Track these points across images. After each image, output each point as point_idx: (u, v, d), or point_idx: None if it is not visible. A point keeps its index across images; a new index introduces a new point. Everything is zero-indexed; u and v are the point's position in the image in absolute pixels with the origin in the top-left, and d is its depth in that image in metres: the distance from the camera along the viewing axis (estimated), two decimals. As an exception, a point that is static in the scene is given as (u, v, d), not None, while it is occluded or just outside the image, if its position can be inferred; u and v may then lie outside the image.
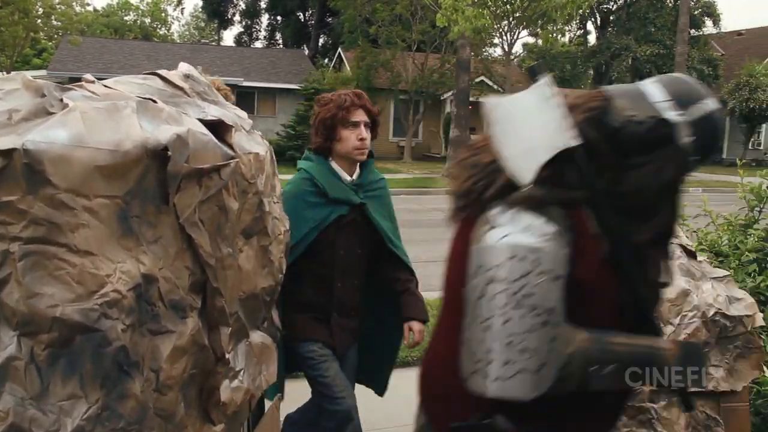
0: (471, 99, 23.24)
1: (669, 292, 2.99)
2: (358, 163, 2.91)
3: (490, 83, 26.91)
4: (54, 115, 1.33)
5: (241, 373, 1.72)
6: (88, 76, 1.70)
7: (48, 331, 1.23)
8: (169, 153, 1.43)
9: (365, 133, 2.82)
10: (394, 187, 18.66)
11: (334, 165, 2.86)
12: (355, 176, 2.91)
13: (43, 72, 24.03)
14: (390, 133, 28.95)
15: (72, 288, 1.24)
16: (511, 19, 7.62)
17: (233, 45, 46.94)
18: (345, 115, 2.77)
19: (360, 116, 2.82)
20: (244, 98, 27.33)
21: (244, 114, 2.40)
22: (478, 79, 26.44)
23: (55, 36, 31.84)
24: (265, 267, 1.87)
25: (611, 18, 29.95)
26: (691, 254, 3.06)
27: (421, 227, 12.64)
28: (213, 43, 52.16)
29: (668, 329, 2.95)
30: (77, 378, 1.25)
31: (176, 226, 1.48)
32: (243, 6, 49.24)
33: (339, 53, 32.92)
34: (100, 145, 1.32)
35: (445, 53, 26.53)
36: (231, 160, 1.63)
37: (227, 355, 1.61)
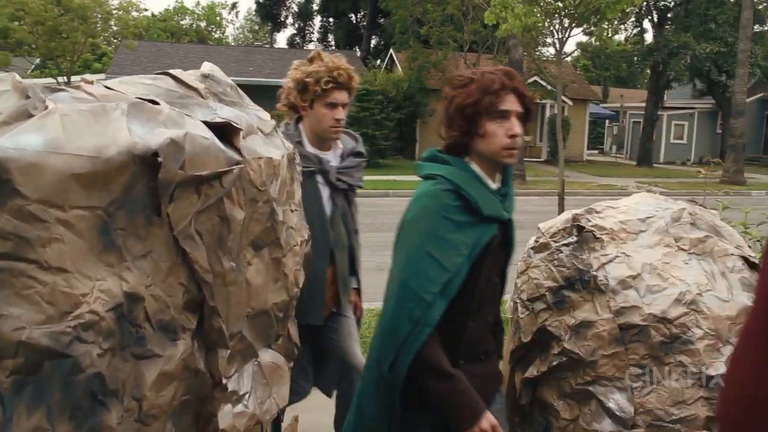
0: (524, 99, 22.67)
1: (729, 309, 2.75)
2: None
3: (543, 83, 26.39)
4: (31, 119, 1.22)
5: (246, 396, 1.58)
6: (87, 77, 1.60)
7: (13, 357, 1.11)
8: (160, 159, 1.30)
9: (517, 127, 2.11)
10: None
11: (476, 169, 2.15)
12: (498, 183, 2.22)
13: (102, 76, 24.61)
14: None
15: (41, 308, 1.12)
16: (562, 15, 7.34)
17: (285, 47, 47.37)
18: (493, 102, 2.07)
19: (511, 104, 2.12)
20: (295, 100, 27.41)
21: (266, 116, 2.27)
22: (530, 80, 25.96)
23: (113, 40, 32.62)
24: (278, 281, 1.73)
25: (669, 15, 28.96)
26: (753, 266, 2.81)
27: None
28: (266, 45, 52.72)
29: (727, 349, 2.71)
30: (44, 408, 1.13)
31: (170, 238, 1.35)
32: (296, 8, 49.62)
33: (390, 54, 32.78)
34: (79, 151, 1.19)
35: (497, 53, 26.13)
36: (235, 166, 1.49)
37: (225, 380, 1.47)
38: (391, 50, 32.17)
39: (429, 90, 26.32)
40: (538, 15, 7.55)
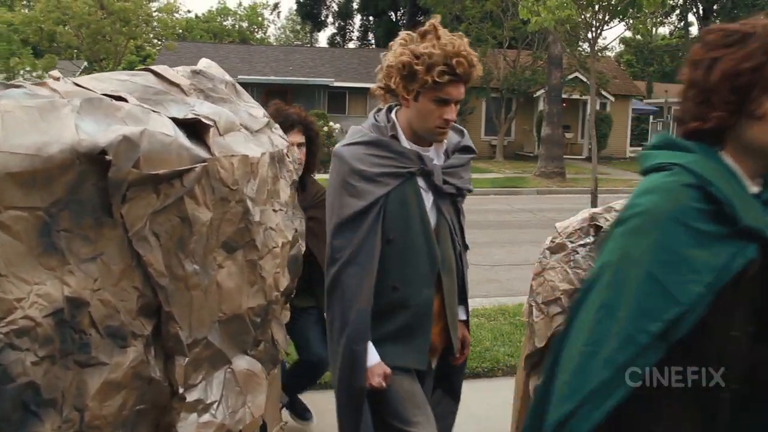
0: (565, 96, 22.42)
1: None
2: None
3: (584, 79, 25.93)
4: (-32, 116, 1.17)
5: (215, 405, 1.51)
6: (54, 73, 1.55)
7: (-62, 366, 1.06)
8: (109, 157, 1.24)
9: None
10: (483, 186, 18.25)
11: (730, 164, 1.45)
12: (759, 186, 1.50)
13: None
14: (482, 132, 28.39)
15: (-30, 315, 1.07)
16: (596, 8, 7.12)
17: (325, 46, 47.57)
18: None
19: None
20: (335, 98, 27.51)
21: (259, 112, 2.21)
22: (571, 76, 25.52)
23: (157, 42, 33.19)
24: (254, 284, 1.66)
25: (715, 7, 28.17)
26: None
27: (506, 228, 12.22)
28: (306, 45, 53.04)
29: None
30: (-30, 421, 1.08)
31: (124, 240, 1.29)
32: (336, 7, 49.78)
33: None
34: (17, 149, 1.14)
35: (536, 50, 25.76)
36: (197, 164, 1.42)
37: (183, 389, 1.40)
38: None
39: (468, 88, 25.95)
40: (572, 9, 7.35)
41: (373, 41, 47.68)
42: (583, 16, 7.75)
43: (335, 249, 1.98)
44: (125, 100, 1.50)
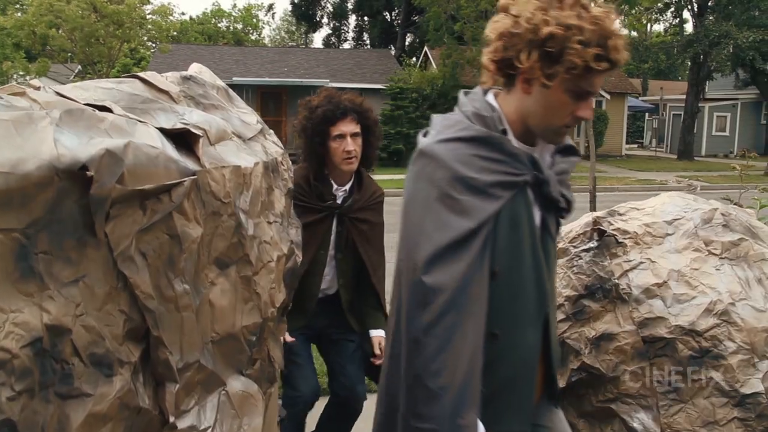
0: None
1: (766, 320, 2.52)
2: None
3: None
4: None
5: (209, 431, 1.43)
6: (35, 81, 1.47)
7: None
8: (91, 173, 1.16)
9: None
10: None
11: None
12: None
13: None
14: (477, 131, 28.28)
15: (-61, 349, 0.99)
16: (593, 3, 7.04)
17: (320, 47, 47.50)
18: None
19: None
20: (330, 100, 27.42)
21: (252, 118, 2.13)
22: (566, 73, 25.44)
23: (151, 45, 33.08)
24: (249, 301, 1.58)
25: (709, 4, 28.12)
26: (793, 273, 2.58)
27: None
28: (302, 46, 52.95)
29: (764, 365, 2.49)
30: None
31: (109, 261, 1.21)
32: (330, 8, 49.72)
33: (425, 52, 32.55)
34: (-10, 166, 1.06)
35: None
36: (187, 178, 1.34)
37: (174, 418, 1.32)
38: (426, 48, 31.96)
39: (464, 87, 25.90)
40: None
41: (368, 42, 47.66)
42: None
43: (431, 289, 1.43)
44: (110, 110, 1.42)
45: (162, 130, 1.45)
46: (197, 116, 1.67)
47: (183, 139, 1.50)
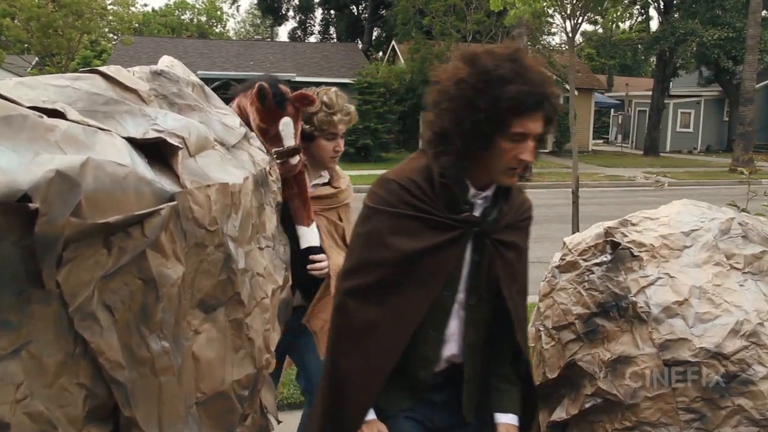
0: (529, 90, 22.36)
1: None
2: None
3: (549, 73, 25.93)
4: None
5: None
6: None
7: None
8: (36, 204, 0.86)
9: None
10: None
11: None
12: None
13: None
14: (445, 127, 28.22)
15: None
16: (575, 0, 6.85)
17: (287, 40, 46.92)
18: None
19: None
20: (296, 94, 27.07)
21: (234, 121, 1.83)
22: (536, 70, 25.47)
23: (112, 37, 32.23)
24: (240, 350, 1.28)
25: (675, 2, 28.33)
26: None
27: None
28: (267, 39, 52.27)
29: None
30: None
31: (63, 320, 0.91)
32: (296, 1, 49.10)
33: (393, 46, 32.26)
34: None
35: (501, 43, 25.66)
36: (165, 205, 1.04)
37: None
38: (393, 42, 31.71)
39: (432, 82, 25.85)
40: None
41: (334, 35, 47.24)
42: (560, 8, 7.48)
43: None
44: (62, 115, 1.11)
45: (131, 141, 1.15)
46: (173, 121, 1.37)
47: (156, 151, 1.20)
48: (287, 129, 2.37)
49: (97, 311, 0.93)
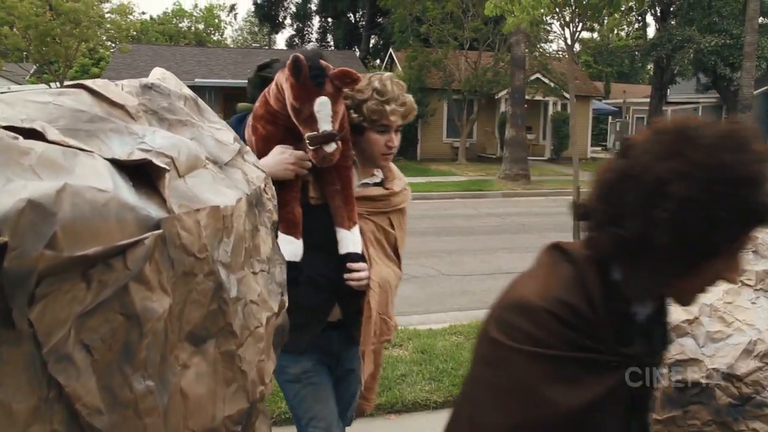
0: (527, 97, 22.38)
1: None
2: None
3: (546, 81, 25.92)
4: None
5: None
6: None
7: None
8: (4, 237, 0.78)
9: None
10: (447, 190, 17.93)
11: None
12: None
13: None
14: (444, 134, 28.19)
15: None
16: (573, 6, 6.75)
17: (284, 48, 46.93)
18: None
19: None
20: (294, 102, 27.05)
21: (228, 136, 1.75)
22: (533, 77, 25.47)
23: (110, 45, 32.19)
24: (232, 383, 1.20)
25: (672, 9, 28.38)
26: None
27: (476, 235, 11.89)
28: (265, 47, 52.29)
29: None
30: None
31: (35, 362, 0.83)
32: (294, 9, 49.15)
33: (390, 54, 32.28)
34: None
35: (498, 51, 25.65)
36: (149, 233, 0.96)
37: None
38: (391, 50, 31.73)
39: (430, 89, 25.85)
40: (548, 7, 7.00)
41: (332, 43, 47.24)
42: (558, 15, 7.42)
43: None
44: (41, 136, 1.03)
45: (114, 162, 1.07)
46: (162, 139, 1.29)
47: (142, 172, 1.12)
48: (324, 110, 2.08)
49: (73, 352, 0.85)
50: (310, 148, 2.11)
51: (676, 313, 2.42)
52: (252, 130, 2.35)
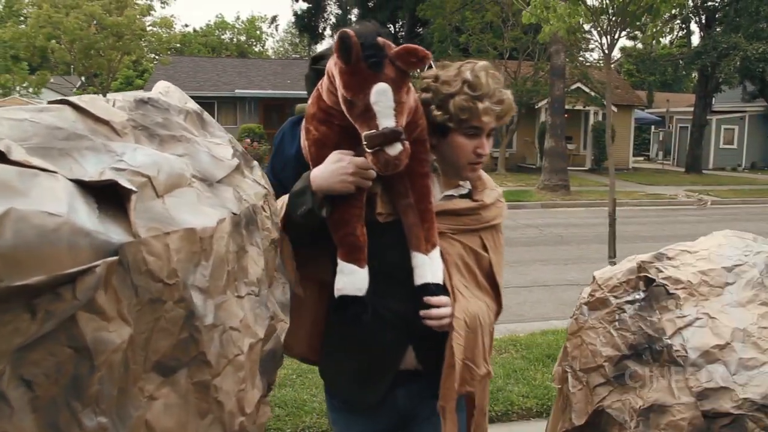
0: (567, 107, 22.10)
1: None
2: None
3: (587, 90, 25.57)
4: None
5: None
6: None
7: None
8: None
9: None
10: (484, 202, 17.73)
11: None
12: None
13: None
14: (483, 144, 28.06)
15: None
16: (610, 14, 6.57)
17: (324, 59, 47.30)
18: None
19: None
20: (332, 111, 27.30)
21: (227, 152, 1.69)
22: (573, 86, 25.16)
23: (151, 56, 32.88)
24: (207, 414, 1.13)
25: (717, 16, 27.76)
26: None
27: (512, 246, 11.70)
28: (305, 58, 52.77)
29: None
30: None
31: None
32: (333, 20, 49.53)
33: (430, 64, 32.31)
34: None
35: (538, 60, 25.42)
36: (100, 261, 0.90)
37: None
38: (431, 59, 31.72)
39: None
40: (584, 15, 6.85)
41: (371, 53, 47.46)
42: (595, 23, 7.27)
43: None
44: (2, 156, 0.98)
45: (80, 183, 1.02)
46: (143, 156, 1.23)
47: (113, 192, 1.07)
48: (383, 100, 1.63)
49: (7, 390, 0.79)
50: (368, 150, 1.66)
51: (706, 338, 2.29)
52: (305, 133, 1.91)
